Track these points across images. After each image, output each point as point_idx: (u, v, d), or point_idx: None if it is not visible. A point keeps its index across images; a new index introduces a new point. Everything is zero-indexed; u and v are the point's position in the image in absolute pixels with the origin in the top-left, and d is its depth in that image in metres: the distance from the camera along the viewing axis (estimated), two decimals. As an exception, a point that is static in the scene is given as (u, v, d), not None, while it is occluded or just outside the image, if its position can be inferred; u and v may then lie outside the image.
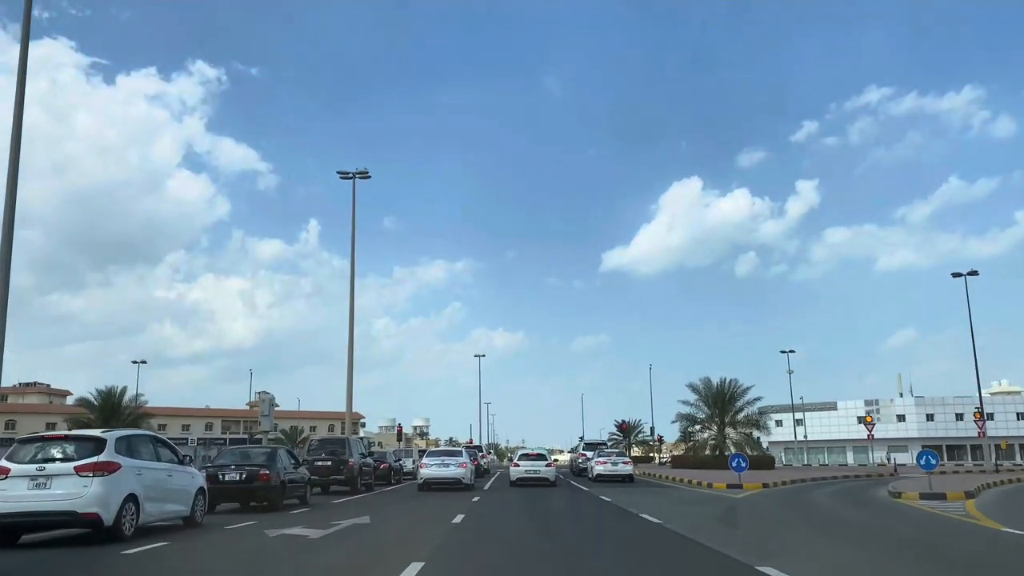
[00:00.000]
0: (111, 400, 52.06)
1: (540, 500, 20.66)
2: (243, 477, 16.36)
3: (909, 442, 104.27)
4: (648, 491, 25.79)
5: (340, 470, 23.36)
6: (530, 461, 28.35)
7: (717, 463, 50.02)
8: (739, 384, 54.87)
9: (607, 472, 31.78)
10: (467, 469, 25.13)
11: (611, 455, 33.32)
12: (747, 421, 54.07)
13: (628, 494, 23.30)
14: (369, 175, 40.09)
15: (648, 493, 24.57)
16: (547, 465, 28.29)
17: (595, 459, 32.98)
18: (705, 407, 54.48)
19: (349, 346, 39.06)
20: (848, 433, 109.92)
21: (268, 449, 18.08)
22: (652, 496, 22.82)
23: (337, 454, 23.55)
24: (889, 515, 16.58)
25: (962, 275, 46.10)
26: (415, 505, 18.82)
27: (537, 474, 27.91)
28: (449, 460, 25.22)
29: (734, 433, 54.03)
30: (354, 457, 23.79)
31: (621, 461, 32.52)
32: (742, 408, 54.60)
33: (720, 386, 54.29)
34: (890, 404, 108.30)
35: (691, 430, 54.78)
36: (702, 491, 25.94)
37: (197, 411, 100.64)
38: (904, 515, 16.53)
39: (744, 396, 54.40)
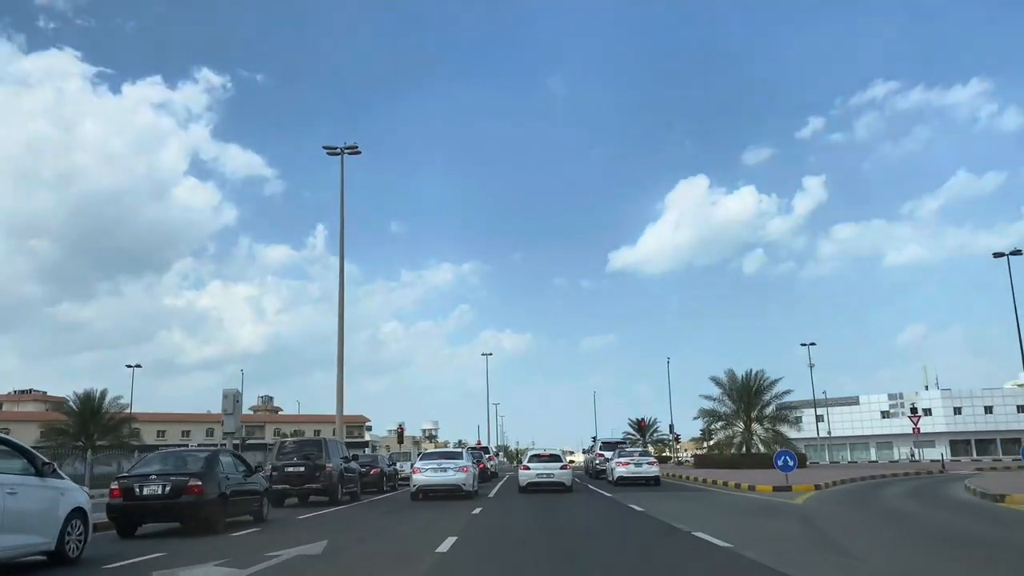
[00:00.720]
0: (90, 404, 48.31)
1: (557, 511, 16.76)
2: (166, 490, 12.46)
3: (936, 437, 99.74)
4: (683, 497, 21.81)
5: (316, 477, 19.49)
6: (542, 463, 24.40)
7: (744, 462, 46.06)
8: (765, 376, 50.86)
9: (630, 474, 27.84)
10: (468, 474, 21.21)
11: (633, 454, 29.36)
12: (775, 416, 49.94)
13: (660, 501, 19.36)
14: (359, 150, 36.26)
15: (684, 499, 20.61)
16: (562, 467, 24.32)
17: (615, 459, 29.02)
18: (729, 402, 50.42)
19: (339, 336, 35.22)
20: (871, 428, 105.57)
21: (205, 453, 14.16)
22: (692, 503, 18.87)
23: (312, 459, 19.68)
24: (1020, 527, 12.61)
25: (1004, 255, 41.88)
26: (397, 521, 14.91)
27: (551, 478, 23.96)
28: (447, 463, 21.31)
29: (761, 429, 49.95)
30: (332, 462, 19.92)
31: (645, 461, 28.54)
32: (769, 402, 50.54)
33: (745, 379, 50.22)
34: (915, 398, 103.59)
35: (715, 427, 50.69)
36: (747, 495, 21.93)
37: (196, 416, 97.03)
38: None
39: (771, 389, 50.39)
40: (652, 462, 28.70)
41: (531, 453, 26.19)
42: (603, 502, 20.08)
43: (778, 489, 22.81)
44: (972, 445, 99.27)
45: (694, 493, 23.59)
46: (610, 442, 38.17)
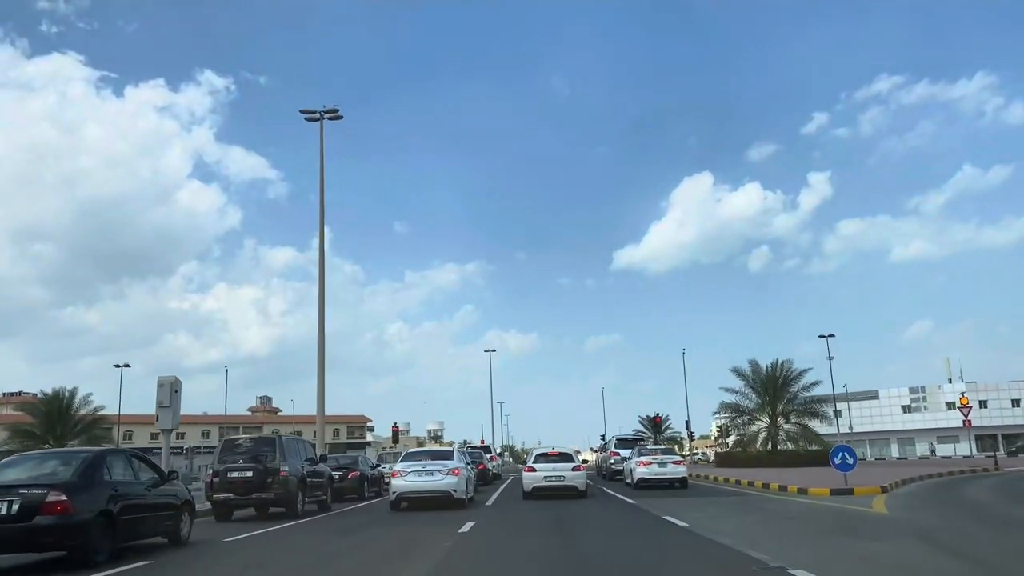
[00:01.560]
0: (57, 403, 44.49)
1: (574, 528, 12.80)
2: (13, 510, 8.55)
3: (960, 432, 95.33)
4: (724, 504, 17.81)
5: (267, 484, 15.52)
6: (551, 463, 20.43)
7: (772, 459, 41.96)
8: (792, 367, 46.73)
9: (653, 476, 23.83)
10: (460, 477, 17.22)
11: (655, 452, 25.30)
12: (804, 409, 45.82)
13: (700, 510, 15.39)
14: (340, 115, 32.31)
15: (729, 508, 16.59)
16: (575, 468, 20.31)
17: (635, 459, 25.00)
18: (753, 395, 46.33)
19: (320, 318, 31.32)
20: (891, 424, 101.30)
21: (85, 454, 10.19)
22: (742, 515, 14.84)
23: (262, 460, 15.68)
24: None
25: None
26: (354, 547, 10.96)
27: (561, 481, 19.98)
28: (433, 465, 17.33)
29: (787, 424, 45.85)
30: (290, 464, 15.94)
31: (670, 460, 24.49)
32: (795, 395, 46.44)
33: (770, 370, 46.12)
34: (938, 391, 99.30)
35: (737, 422, 46.57)
36: (803, 501, 17.88)
37: (191, 418, 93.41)
38: None
39: (798, 381, 46.27)
40: (678, 461, 24.67)
41: (537, 452, 22.15)
42: (630, 513, 16.05)
43: (837, 492, 18.81)
44: (999, 440, 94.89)
45: (734, 499, 19.56)
46: (626, 439, 34.07)
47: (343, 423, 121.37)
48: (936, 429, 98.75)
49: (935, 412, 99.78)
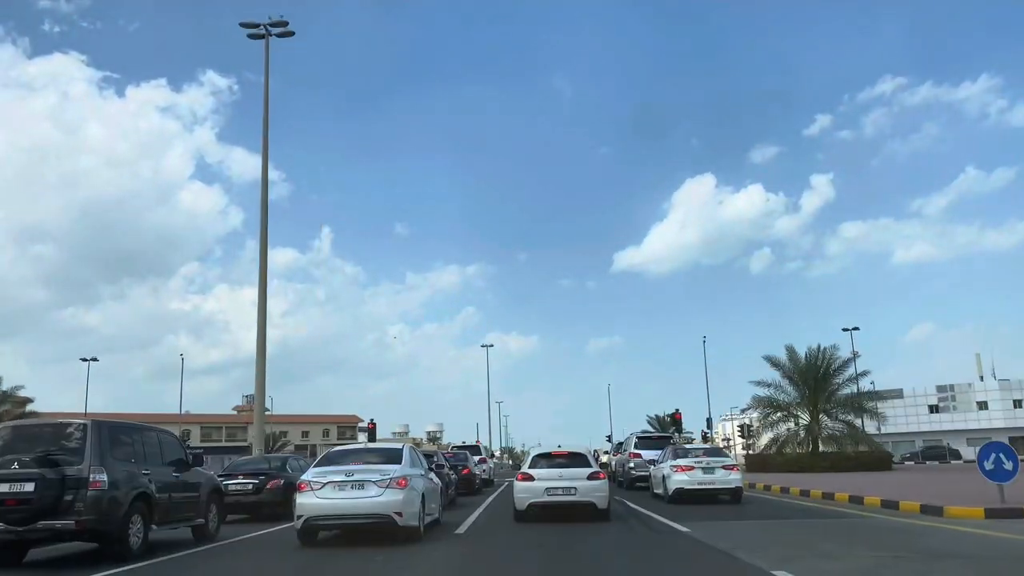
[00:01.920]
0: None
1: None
2: None
3: (993, 433, 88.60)
4: (835, 535, 11.15)
5: (59, 506, 8.92)
6: (555, 468, 13.77)
7: (814, 463, 35.30)
8: (836, 354, 39.96)
9: (696, 486, 17.31)
10: (407, 492, 10.62)
11: (697, 454, 18.65)
12: (851, 404, 39.08)
13: (814, 548, 8.86)
14: (291, 29, 25.81)
15: (849, 545, 9.92)
16: (591, 476, 13.62)
17: (668, 462, 18.36)
18: (791, 387, 39.57)
19: (261, 279, 24.84)
20: (917, 424, 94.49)
21: None
22: (917, 565, 8.17)
23: (49, 465, 9.05)
24: None
25: None
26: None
27: (571, 496, 13.40)
28: (365, 472, 10.72)
29: (829, 421, 39.15)
30: (109, 472, 9.33)
31: (720, 465, 17.85)
32: (839, 387, 39.71)
33: (811, 358, 39.37)
34: (968, 390, 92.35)
35: (772, 418, 39.77)
36: (957, 529, 11.21)
37: (157, 417, 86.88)
38: None
39: (844, 371, 39.51)
40: (730, 466, 17.99)
41: (535, 452, 15.30)
42: (701, 560, 9.36)
43: (997, 514, 12.19)
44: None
45: (836, 523, 12.92)
46: (649, 437, 27.23)
47: (333, 423, 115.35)
48: (966, 430, 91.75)
49: (965, 412, 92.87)
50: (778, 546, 9.57)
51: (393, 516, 10.40)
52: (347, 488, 10.53)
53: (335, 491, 10.53)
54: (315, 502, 10.49)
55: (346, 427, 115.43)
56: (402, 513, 10.45)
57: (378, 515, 10.40)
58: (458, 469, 23.18)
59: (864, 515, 13.94)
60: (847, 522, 12.84)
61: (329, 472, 10.80)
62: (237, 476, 16.01)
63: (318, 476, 10.73)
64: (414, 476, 11.26)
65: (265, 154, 25.43)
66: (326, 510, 10.44)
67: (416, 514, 10.84)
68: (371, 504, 10.40)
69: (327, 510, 10.44)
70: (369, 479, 10.57)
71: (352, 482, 10.56)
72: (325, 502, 10.46)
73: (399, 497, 10.48)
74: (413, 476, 11.19)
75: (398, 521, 10.43)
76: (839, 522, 12.89)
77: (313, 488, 10.58)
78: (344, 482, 10.56)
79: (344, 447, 12.62)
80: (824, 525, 12.41)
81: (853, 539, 10.41)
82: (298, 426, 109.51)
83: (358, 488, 10.53)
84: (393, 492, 10.50)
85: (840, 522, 12.88)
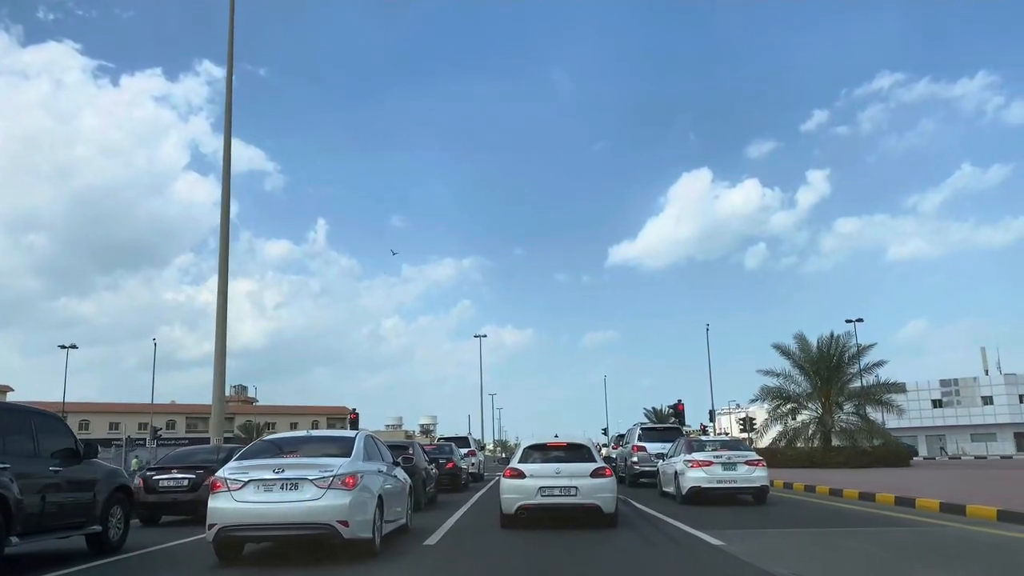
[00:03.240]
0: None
1: None
2: None
3: (998, 429, 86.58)
4: (922, 553, 8.56)
5: None
6: (552, 463, 11.21)
7: (829, 458, 32.87)
8: (849, 343, 37.50)
9: (716, 484, 14.79)
10: (354, 494, 8.00)
11: (714, 446, 16.08)
12: (865, 395, 36.61)
13: (887, 570, 6.18)
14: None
15: (957, 566, 7.33)
16: (595, 473, 11.06)
17: (681, 457, 15.78)
18: (801, 378, 37.06)
19: (222, 249, 22.18)
20: (920, 420, 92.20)
21: None
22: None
23: None
24: None
25: None
26: None
27: (571, 497, 10.83)
28: (300, 469, 8.08)
29: (843, 414, 36.70)
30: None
31: (743, 460, 15.30)
32: (852, 377, 37.26)
33: (824, 346, 36.86)
34: (972, 384, 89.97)
35: (781, 411, 37.24)
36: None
37: (131, 407, 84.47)
38: None
39: (858, 360, 37.05)
40: (755, 461, 15.40)
41: (527, 444, 12.30)
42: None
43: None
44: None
45: (899, 532, 10.34)
46: (654, 428, 24.57)
47: (323, 415, 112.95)
48: (970, 426, 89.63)
49: (969, 407, 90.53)
50: (861, 573, 7.00)
51: (336, 526, 7.77)
52: (275, 488, 7.91)
53: (259, 492, 7.90)
54: (232, 507, 7.85)
55: (336, 418, 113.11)
56: (348, 522, 7.83)
57: (315, 524, 7.77)
58: (441, 463, 20.64)
59: (930, 522, 11.38)
60: (916, 532, 10.27)
61: (253, 467, 8.16)
62: (171, 470, 13.38)
63: (237, 472, 8.09)
64: (368, 473, 8.62)
65: (229, 111, 22.67)
66: (246, 517, 7.81)
67: (368, 523, 8.21)
68: (306, 510, 7.77)
69: (247, 517, 7.81)
70: (306, 476, 7.94)
71: (282, 480, 7.93)
72: (245, 507, 7.83)
73: (344, 501, 7.86)
74: (367, 473, 8.55)
75: (343, 532, 7.81)
76: (907, 533, 10.30)
77: (230, 487, 7.95)
78: (272, 480, 7.94)
79: (281, 434, 9.97)
80: (892, 537, 9.83)
81: (951, 560, 7.84)
82: (286, 417, 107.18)
83: (290, 488, 7.90)
84: (337, 494, 7.87)
85: (908, 533, 10.30)
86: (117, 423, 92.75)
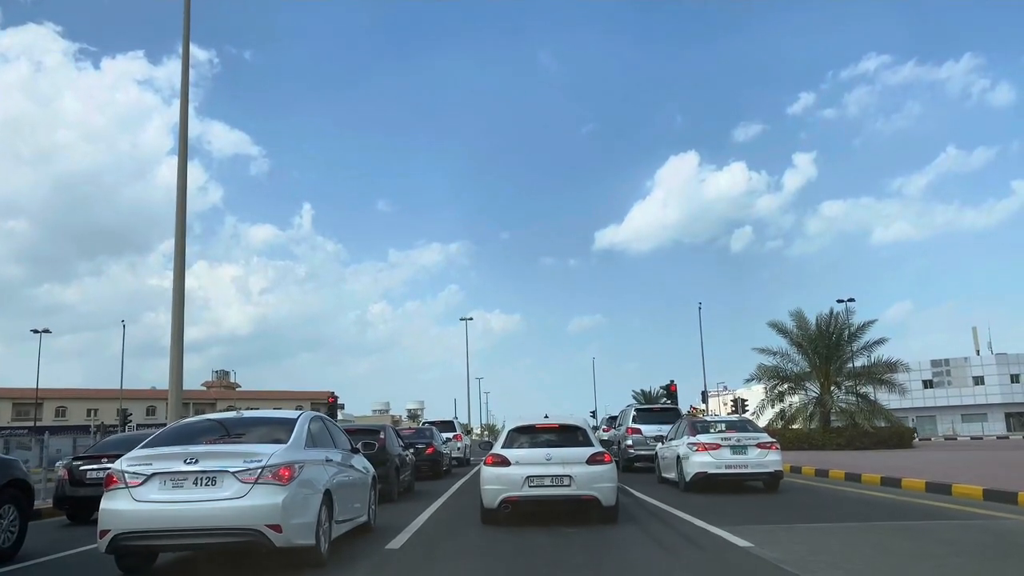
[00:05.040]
0: None
1: None
2: None
3: (989, 409, 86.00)
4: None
5: None
6: (542, 449, 9.49)
7: (826, 439, 31.49)
8: (850, 320, 36.07)
9: (726, 471, 13.22)
10: (291, 488, 6.27)
11: (720, 428, 14.44)
12: (866, 374, 35.21)
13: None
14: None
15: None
16: (592, 459, 9.39)
17: (684, 440, 14.15)
18: (800, 356, 35.60)
19: (179, 224, 20.21)
20: (911, 400, 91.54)
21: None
22: None
23: None
24: None
25: None
26: None
27: (563, 487, 9.17)
28: (219, 459, 6.31)
29: (842, 393, 35.33)
30: None
31: (754, 443, 13.70)
32: (852, 356, 35.82)
33: (823, 324, 35.39)
34: (964, 364, 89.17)
35: (778, 391, 35.74)
36: None
37: (108, 392, 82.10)
38: None
39: (860, 337, 35.60)
40: (767, 444, 13.78)
41: (512, 427, 10.38)
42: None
43: None
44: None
45: (950, 526, 8.71)
46: (650, 409, 22.97)
47: (307, 399, 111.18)
48: (961, 406, 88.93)
49: (960, 387, 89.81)
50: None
51: (264, 531, 6.02)
52: (187, 484, 6.15)
53: (166, 489, 6.14)
54: (130, 508, 6.08)
55: (320, 404, 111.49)
56: (280, 526, 6.08)
57: (237, 529, 6.02)
58: (420, 448, 18.95)
59: (980, 513, 9.78)
60: (976, 528, 8.64)
61: (160, 456, 6.38)
62: (101, 459, 11.59)
63: (139, 463, 6.30)
64: (311, 463, 6.86)
65: (186, 60, 20.59)
66: (148, 521, 6.04)
67: (308, 526, 6.45)
68: (225, 510, 6.02)
69: (149, 521, 6.04)
70: (226, 468, 6.17)
71: (196, 474, 6.16)
72: (147, 508, 6.06)
73: (275, 500, 6.10)
74: (309, 463, 6.79)
75: (273, 539, 6.06)
76: (964, 528, 8.65)
77: (128, 483, 6.17)
78: (183, 473, 6.17)
79: (202, 416, 8.20)
80: (951, 534, 8.15)
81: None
82: (269, 403, 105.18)
83: (206, 484, 6.14)
84: (266, 490, 6.12)
85: (965, 528, 8.65)
86: (95, 409, 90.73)
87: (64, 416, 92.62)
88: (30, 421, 75.39)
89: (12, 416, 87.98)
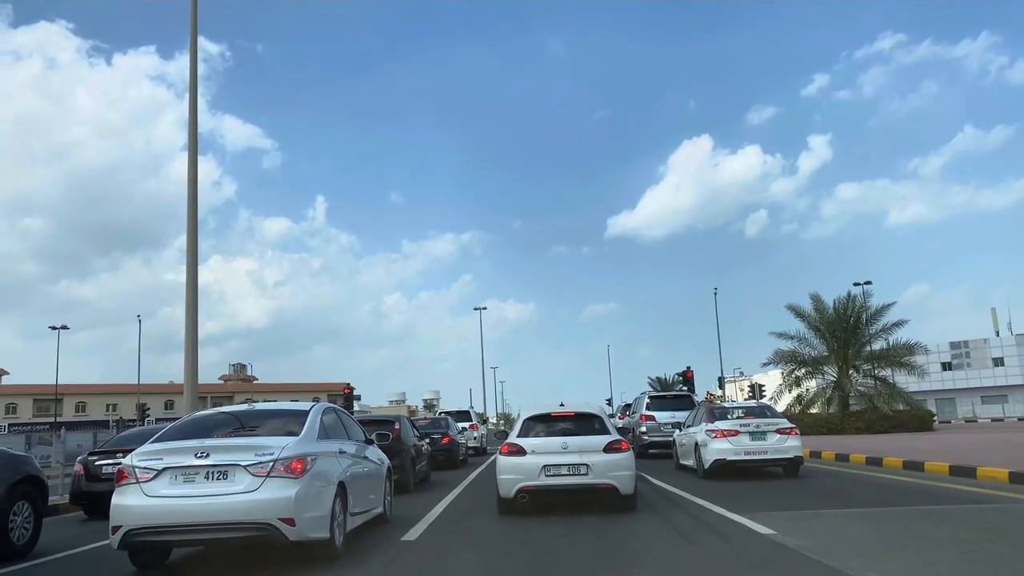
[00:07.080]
0: None
1: None
2: None
3: (1009, 390, 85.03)
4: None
5: None
6: (558, 438, 9.37)
7: (846, 424, 31.19)
8: (868, 303, 35.63)
9: (745, 457, 13.06)
10: (304, 482, 6.20)
11: (738, 414, 14.25)
12: (885, 357, 34.81)
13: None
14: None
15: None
16: (609, 447, 9.27)
17: (702, 426, 13.98)
18: (817, 340, 35.24)
19: (191, 207, 20.30)
20: (930, 383, 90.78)
21: None
22: None
23: None
24: None
25: None
26: None
27: (580, 476, 9.05)
28: (230, 453, 6.23)
29: (860, 377, 34.97)
30: None
31: (773, 428, 13.50)
32: (871, 338, 35.41)
33: (842, 307, 35.01)
34: (983, 346, 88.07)
35: (795, 375, 35.41)
36: None
37: (127, 388, 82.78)
38: None
39: (879, 320, 35.15)
40: (787, 430, 13.58)
41: (527, 415, 10.22)
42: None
43: None
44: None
45: (981, 511, 8.49)
46: (663, 396, 22.83)
47: (324, 391, 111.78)
48: (980, 388, 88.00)
49: (980, 369, 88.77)
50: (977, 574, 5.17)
51: (278, 525, 5.93)
52: (198, 478, 6.06)
53: (177, 484, 6.05)
54: (142, 503, 6.00)
55: (337, 396, 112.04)
56: (294, 519, 5.98)
57: (249, 524, 5.93)
58: (436, 438, 18.89)
59: (1009, 496, 9.56)
60: (1004, 511, 8.43)
61: (171, 451, 6.29)
62: (116, 454, 11.55)
63: (149, 458, 6.22)
64: (324, 455, 6.75)
65: (194, 50, 20.52)
66: (159, 516, 5.96)
67: (323, 519, 6.35)
68: (237, 504, 5.92)
69: (161, 516, 5.96)
70: (238, 462, 6.08)
71: (208, 468, 6.07)
72: (158, 503, 5.98)
73: (288, 493, 6.00)
74: (322, 455, 6.69)
75: (287, 533, 5.96)
76: (994, 512, 8.44)
77: (139, 478, 6.09)
78: (194, 468, 6.07)
79: (213, 409, 8.12)
80: (981, 519, 7.94)
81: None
82: (286, 395, 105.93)
83: (217, 478, 6.05)
84: (279, 484, 6.02)
85: (995, 512, 8.45)
86: (115, 404, 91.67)
87: (84, 411, 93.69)
88: (51, 417, 76.33)
89: (33, 412, 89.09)
